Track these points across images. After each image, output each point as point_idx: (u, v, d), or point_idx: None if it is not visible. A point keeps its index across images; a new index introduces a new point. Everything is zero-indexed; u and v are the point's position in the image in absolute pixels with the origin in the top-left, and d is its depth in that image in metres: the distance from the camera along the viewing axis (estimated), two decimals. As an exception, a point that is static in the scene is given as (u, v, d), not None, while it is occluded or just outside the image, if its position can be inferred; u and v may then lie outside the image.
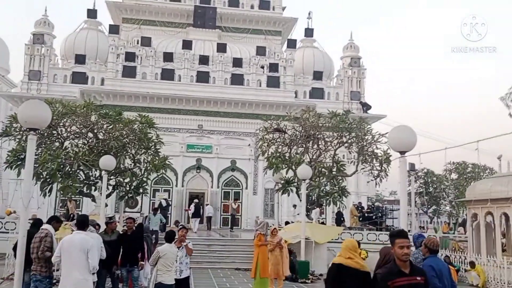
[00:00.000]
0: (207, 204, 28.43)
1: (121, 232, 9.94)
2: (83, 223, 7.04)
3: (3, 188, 28.67)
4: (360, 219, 24.98)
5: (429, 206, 42.16)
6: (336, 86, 33.72)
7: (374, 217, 22.95)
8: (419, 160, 20.86)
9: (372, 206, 24.50)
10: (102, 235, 9.64)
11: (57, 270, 7.70)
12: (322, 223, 23.51)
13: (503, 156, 16.98)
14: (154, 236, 16.93)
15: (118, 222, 9.15)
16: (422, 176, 40.57)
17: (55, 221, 8.00)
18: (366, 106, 32.93)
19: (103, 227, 10.88)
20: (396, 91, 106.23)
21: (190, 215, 26.41)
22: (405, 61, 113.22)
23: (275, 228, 12.48)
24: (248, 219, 29.81)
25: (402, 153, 8.66)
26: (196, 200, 27.28)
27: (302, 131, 19.60)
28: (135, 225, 10.77)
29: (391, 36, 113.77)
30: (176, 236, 8.60)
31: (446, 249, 17.00)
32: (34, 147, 7.62)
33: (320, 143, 19.70)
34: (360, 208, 24.54)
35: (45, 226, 7.69)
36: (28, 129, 7.48)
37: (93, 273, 6.70)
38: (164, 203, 25.56)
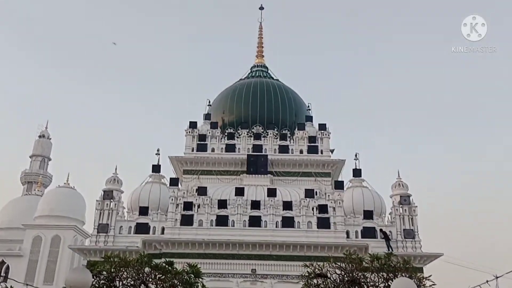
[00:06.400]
0: None
1: None
2: None
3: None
4: None
5: None
6: (388, 225, 33.58)
7: None
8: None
9: None
10: None
11: None
12: None
13: None
14: None
15: None
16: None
17: None
18: (387, 239, 31.67)
19: None
20: (453, 227, 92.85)
21: None
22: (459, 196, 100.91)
23: None
24: None
25: (405, 305, 9.28)
26: None
27: (345, 275, 19.75)
28: None
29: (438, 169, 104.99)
30: None
31: None
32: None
33: (364, 287, 19.59)
34: None
35: None
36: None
37: None
38: None
